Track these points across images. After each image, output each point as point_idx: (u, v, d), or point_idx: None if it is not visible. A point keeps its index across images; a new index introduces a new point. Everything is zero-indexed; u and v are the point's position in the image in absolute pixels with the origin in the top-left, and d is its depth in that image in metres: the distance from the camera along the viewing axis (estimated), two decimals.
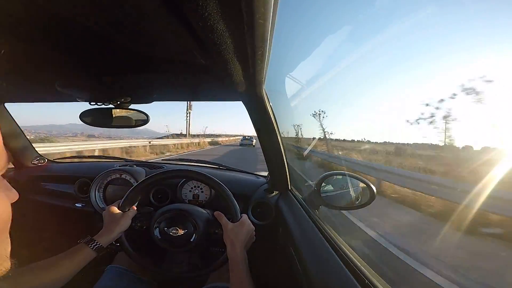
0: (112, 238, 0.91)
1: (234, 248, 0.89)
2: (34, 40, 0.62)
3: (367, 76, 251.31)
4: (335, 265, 0.68)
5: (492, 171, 4.97)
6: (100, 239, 0.88)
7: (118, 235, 0.94)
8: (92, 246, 0.85)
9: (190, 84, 0.95)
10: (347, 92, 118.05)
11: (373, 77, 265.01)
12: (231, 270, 0.86)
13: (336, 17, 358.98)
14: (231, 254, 0.89)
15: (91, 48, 0.66)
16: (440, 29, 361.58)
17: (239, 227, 0.93)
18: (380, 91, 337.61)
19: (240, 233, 0.92)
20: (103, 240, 0.88)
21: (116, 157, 2.00)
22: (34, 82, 0.99)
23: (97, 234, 0.90)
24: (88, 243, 0.85)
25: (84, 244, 0.85)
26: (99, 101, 1.04)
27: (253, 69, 0.61)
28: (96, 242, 0.86)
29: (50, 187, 1.70)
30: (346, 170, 3.08)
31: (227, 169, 1.77)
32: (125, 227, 0.96)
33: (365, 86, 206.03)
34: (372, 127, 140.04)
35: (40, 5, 0.38)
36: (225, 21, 0.38)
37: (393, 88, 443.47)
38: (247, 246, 0.94)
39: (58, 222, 1.70)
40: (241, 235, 0.92)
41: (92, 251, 0.84)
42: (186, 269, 1.04)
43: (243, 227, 0.94)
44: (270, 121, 1.06)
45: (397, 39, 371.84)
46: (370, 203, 1.09)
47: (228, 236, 0.92)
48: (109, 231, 0.92)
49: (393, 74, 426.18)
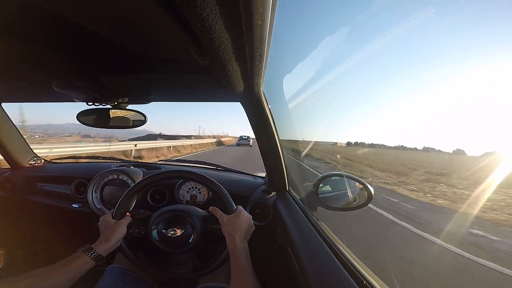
0: (110, 246, 0.90)
1: (233, 239, 0.89)
2: (30, 40, 0.61)
3: (365, 77, 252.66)
4: (332, 265, 0.68)
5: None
6: (98, 247, 0.87)
7: (117, 243, 0.93)
8: (91, 254, 0.84)
9: (188, 84, 0.95)
10: (345, 93, 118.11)
11: (371, 78, 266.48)
12: (232, 261, 0.86)
13: (334, 18, 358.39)
14: (230, 245, 0.89)
15: (88, 48, 0.66)
16: (440, 30, 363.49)
17: (235, 218, 0.93)
18: (378, 92, 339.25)
19: (236, 224, 0.92)
20: (102, 249, 0.87)
21: (113, 158, 1.99)
22: (31, 82, 0.99)
23: (95, 243, 0.89)
24: (87, 252, 0.84)
25: (82, 253, 0.84)
26: (97, 101, 1.04)
27: (251, 70, 0.61)
28: (95, 251, 0.85)
29: (47, 188, 1.69)
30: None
31: (225, 170, 1.77)
32: (121, 234, 0.95)
33: (362, 87, 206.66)
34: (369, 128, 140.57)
35: (37, 5, 0.38)
36: (224, 21, 0.38)
37: (391, 89, 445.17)
38: (247, 236, 0.94)
39: (55, 223, 1.69)
40: (238, 225, 0.92)
41: (91, 259, 0.83)
42: (191, 269, 1.03)
43: (239, 217, 0.94)
44: (268, 122, 1.07)
45: (395, 40, 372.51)
46: (368, 204, 1.09)
47: (226, 228, 0.92)
48: (106, 239, 0.91)
49: (391, 75, 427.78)
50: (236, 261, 0.85)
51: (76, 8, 0.39)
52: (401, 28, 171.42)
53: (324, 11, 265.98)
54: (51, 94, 1.17)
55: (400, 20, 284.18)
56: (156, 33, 0.46)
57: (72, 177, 1.62)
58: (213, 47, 0.46)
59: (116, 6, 0.37)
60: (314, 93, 63.65)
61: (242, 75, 0.65)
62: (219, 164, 1.81)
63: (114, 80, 0.88)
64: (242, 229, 0.92)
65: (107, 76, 0.85)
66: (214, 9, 0.34)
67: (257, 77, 0.68)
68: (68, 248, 0.85)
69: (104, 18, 0.42)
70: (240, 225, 0.92)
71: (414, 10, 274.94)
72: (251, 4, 0.34)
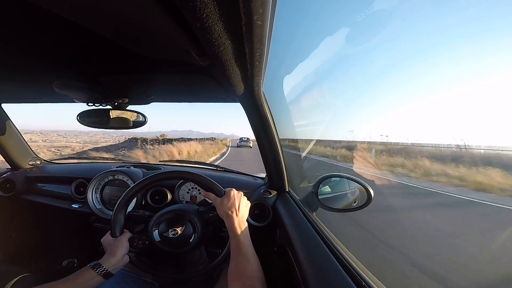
0: (116, 261, 0.90)
1: (229, 217, 0.89)
2: (30, 40, 0.61)
3: (366, 77, 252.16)
4: (332, 266, 0.68)
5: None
6: (105, 263, 0.87)
7: (123, 258, 0.93)
8: (98, 270, 0.84)
9: (188, 85, 0.95)
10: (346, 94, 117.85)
11: (372, 78, 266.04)
12: (231, 239, 0.87)
13: (335, 18, 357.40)
14: (228, 224, 0.89)
15: (88, 49, 0.66)
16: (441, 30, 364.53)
17: (227, 198, 0.94)
18: (379, 91, 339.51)
19: (230, 202, 0.92)
20: (108, 264, 0.87)
21: (113, 158, 1.99)
22: (31, 82, 0.99)
23: (101, 259, 0.90)
24: (94, 268, 0.84)
25: (89, 268, 0.84)
26: (97, 102, 1.04)
27: (251, 71, 0.61)
28: (102, 266, 0.85)
29: (47, 188, 1.69)
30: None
31: (225, 171, 1.77)
32: (125, 249, 0.95)
33: (363, 87, 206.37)
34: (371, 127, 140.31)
35: (37, 6, 0.38)
36: (224, 22, 0.38)
37: (393, 88, 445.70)
38: (245, 214, 0.95)
39: (55, 223, 1.69)
40: (231, 203, 0.92)
41: (98, 275, 0.83)
42: (207, 262, 1.04)
43: (230, 196, 0.94)
44: (268, 122, 1.07)
45: (397, 39, 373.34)
46: (367, 205, 1.09)
47: (221, 210, 0.92)
48: (111, 254, 0.91)
49: (393, 74, 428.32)
50: (235, 238, 0.86)
51: (76, 9, 0.39)
52: (402, 27, 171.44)
53: (325, 11, 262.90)
54: (52, 95, 1.18)
55: (402, 19, 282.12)
56: (156, 33, 0.46)
57: (72, 177, 1.63)
58: (213, 48, 0.46)
59: (116, 6, 0.37)
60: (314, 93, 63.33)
61: (242, 75, 0.65)
62: (218, 165, 1.81)
63: (114, 80, 0.88)
64: (236, 206, 0.92)
65: (107, 77, 0.86)
66: (213, 9, 0.34)
67: (257, 77, 0.68)
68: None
69: (105, 19, 0.42)
70: (233, 203, 0.92)
71: (416, 9, 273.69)
72: (250, 5, 0.34)
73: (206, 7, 0.33)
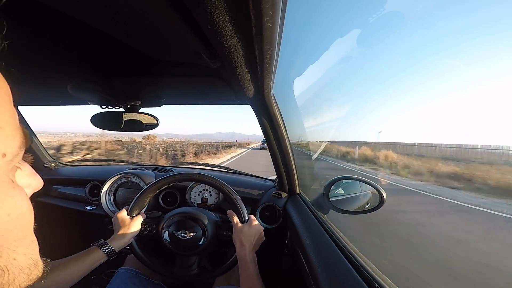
0: (124, 243, 0.93)
1: (244, 247, 0.90)
2: (45, 43, 0.63)
3: (379, 78, 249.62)
4: (344, 270, 0.66)
5: None
6: (112, 243, 0.89)
7: (130, 240, 0.96)
8: (104, 249, 0.86)
9: (199, 87, 0.96)
10: (357, 95, 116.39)
11: (385, 79, 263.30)
12: (240, 270, 0.87)
13: (346, 20, 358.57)
14: (241, 253, 0.89)
15: (101, 51, 0.68)
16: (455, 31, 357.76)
17: (248, 227, 0.94)
18: (392, 93, 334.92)
19: (249, 233, 0.93)
20: (115, 245, 0.89)
21: (126, 161, 2.02)
22: (46, 85, 1.01)
23: (109, 239, 0.92)
24: (101, 247, 0.86)
25: (96, 247, 0.86)
26: (110, 104, 1.06)
27: (261, 73, 0.61)
28: (109, 246, 0.88)
29: (62, 190, 1.73)
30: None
31: (235, 173, 1.77)
32: (135, 232, 0.97)
33: (376, 88, 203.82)
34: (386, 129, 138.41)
35: (51, 9, 0.39)
36: (234, 24, 0.38)
37: (406, 89, 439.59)
38: (256, 247, 0.95)
39: (69, 225, 1.72)
40: (250, 235, 0.93)
41: (104, 254, 0.86)
42: (197, 272, 1.04)
43: (251, 227, 0.95)
44: (278, 124, 1.06)
45: (407, 41, 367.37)
46: (380, 207, 1.07)
47: (238, 236, 0.93)
48: (120, 236, 0.93)
49: (405, 75, 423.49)
50: (245, 269, 0.86)
51: (89, 11, 0.40)
52: (415, 27, 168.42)
53: (335, 12, 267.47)
54: (66, 97, 1.20)
55: (414, 20, 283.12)
56: (168, 36, 0.47)
57: (86, 179, 1.66)
58: (223, 50, 0.47)
59: (129, 10, 0.38)
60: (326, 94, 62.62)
61: (252, 77, 0.65)
62: (229, 167, 1.82)
63: (127, 82, 0.89)
64: (253, 239, 0.93)
65: (120, 79, 0.87)
66: (223, 11, 0.34)
67: (267, 79, 0.68)
68: (81, 250, 0.87)
69: (117, 22, 0.43)
70: (251, 235, 0.93)
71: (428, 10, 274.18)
72: (260, 7, 0.33)
73: (217, 9, 0.33)
